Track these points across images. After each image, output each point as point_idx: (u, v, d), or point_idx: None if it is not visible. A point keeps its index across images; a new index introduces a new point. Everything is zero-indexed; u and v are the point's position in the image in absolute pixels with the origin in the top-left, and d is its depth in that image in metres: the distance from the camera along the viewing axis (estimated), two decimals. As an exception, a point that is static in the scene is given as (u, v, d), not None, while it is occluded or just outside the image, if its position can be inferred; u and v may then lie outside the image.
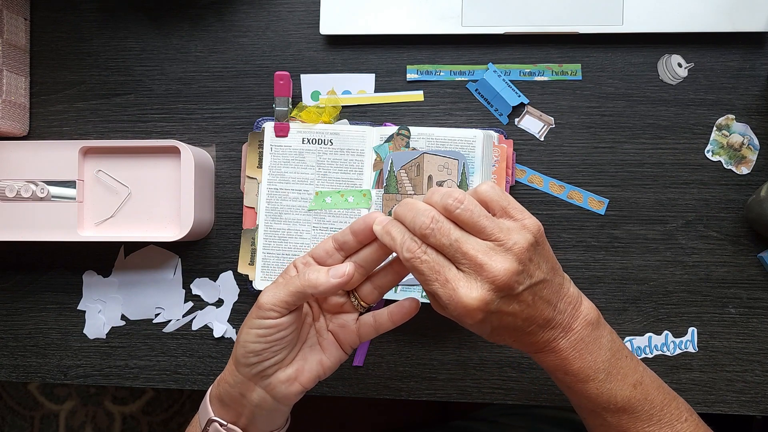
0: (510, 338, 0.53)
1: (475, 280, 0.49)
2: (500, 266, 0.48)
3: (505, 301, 0.49)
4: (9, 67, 0.71)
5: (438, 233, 0.49)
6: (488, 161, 0.67)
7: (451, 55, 0.70)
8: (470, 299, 0.48)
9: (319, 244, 0.57)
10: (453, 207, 0.50)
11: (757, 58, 0.68)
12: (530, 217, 0.51)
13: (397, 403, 0.92)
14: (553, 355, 0.53)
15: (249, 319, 0.55)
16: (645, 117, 0.69)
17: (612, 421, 0.54)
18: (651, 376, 0.56)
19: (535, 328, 0.52)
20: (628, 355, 0.55)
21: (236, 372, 0.56)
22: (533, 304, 0.51)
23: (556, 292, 0.52)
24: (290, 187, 0.69)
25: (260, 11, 0.72)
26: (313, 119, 0.70)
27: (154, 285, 0.73)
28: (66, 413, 1.49)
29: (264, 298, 0.54)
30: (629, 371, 0.54)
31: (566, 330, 0.52)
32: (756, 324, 0.68)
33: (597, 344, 0.53)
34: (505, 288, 0.49)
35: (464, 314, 0.49)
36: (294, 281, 0.53)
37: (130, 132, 0.73)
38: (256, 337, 0.54)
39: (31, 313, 0.75)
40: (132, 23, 0.74)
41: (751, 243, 0.68)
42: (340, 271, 0.53)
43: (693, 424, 0.56)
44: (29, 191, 0.69)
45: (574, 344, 0.52)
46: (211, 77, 0.73)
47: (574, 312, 0.53)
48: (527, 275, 0.50)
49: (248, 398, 0.56)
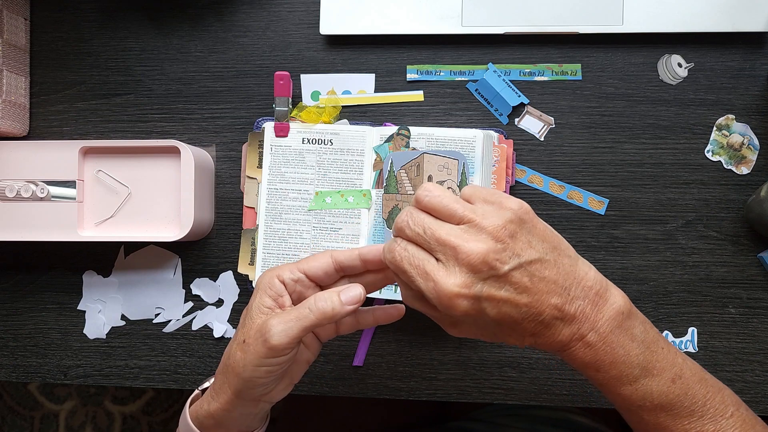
0: (528, 335, 0.49)
1: (453, 266, 0.47)
2: (473, 245, 0.46)
3: (493, 285, 0.47)
4: (9, 67, 0.71)
5: (412, 224, 0.49)
6: (488, 161, 0.67)
7: (451, 55, 0.70)
8: (449, 285, 0.46)
9: (313, 260, 0.55)
10: (422, 196, 0.49)
11: (757, 58, 0.68)
12: (512, 198, 0.49)
13: (397, 404, 0.92)
14: (581, 352, 0.49)
15: (256, 357, 0.52)
16: (645, 117, 0.69)
17: (649, 420, 0.51)
18: (692, 368, 0.52)
19: (549, 319, 0.48)
20: (664, 347, 0.51)
21: (236, 400, 0.55)
22: (532, 286, 0.47)
23: (565, 274, 0.48)
24: (290, 187, 0.69)
25: (260, 11, 0.72)
26: (313, 119, 0.70)
27: (154, 285, 0.73)
28: (66, 413, 1.48)
29: (276, 339, 0.51)
30: (666, 365, 0.50)
31: (591, 321, 0.48)
32: (756, 324, 0.68)
33: (629, 336, 0.49)
34: (483, 267, 0.46)
35: (449, 305, 0.47)
36: (308, 316, 0.52)
37: (130, 132, 0.73)
38: (267, 374, 0.53)
39: (31, 313, 0.75)
40: (132, 23, 0.74)
41: (751, 243, 0.68)
42: (354, 297, 0.52)
43: (740, 419, 0.51)
44: (29, 191, 0.69)
45: (604, 337, 0.48)
46: (211, 77, 0.73)
47: (597, 300, 0.49)
48: (512, 254, 0.47)
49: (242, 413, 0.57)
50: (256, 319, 0.54)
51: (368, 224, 0.68)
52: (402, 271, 0.49)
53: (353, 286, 0.53)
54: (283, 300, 0.54)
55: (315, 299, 0.52)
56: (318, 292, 0.54)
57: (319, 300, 0.52)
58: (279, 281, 0.54)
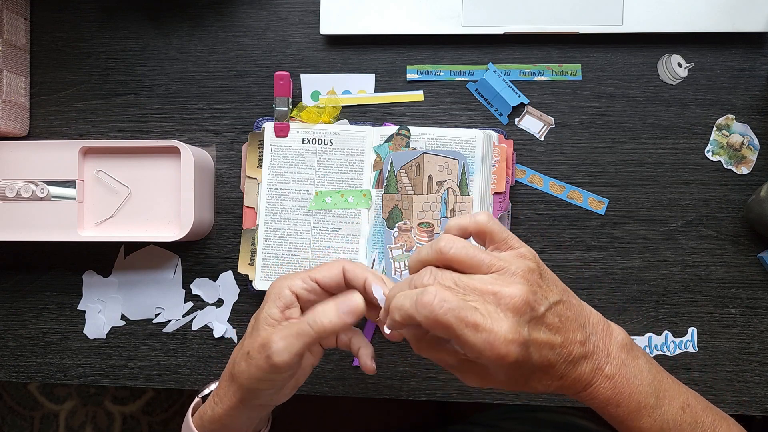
0: (557, 378, 0.49)
1: (498, 313, 0.45)
2: (513, 289, 0.46)
3: (534, 327, 0.47)
4: (9, 67, 0.71)
5: (441, 280, 0.46)
6: (488, 161, 0.67)
7: (451, 55, 0.70)
8: (503, 331, 0.44)
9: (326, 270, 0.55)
10: (447, 248, 0.47)
11: (757, 58, 0.68)
12: (525, 245, 0.50)
13: (396, 407, 0.92)
14: (602, 386, 0.49)
15: (258, 371, 0.52)
16: (645, 117, 0.69)
17: None
18: (696, 397, 0.53)
19: (577, 357, 0.49)
20: (668, 377, 0.53)
21: (241, 407, 0.56)
22: (563, 326, 0.48)
23: (579, 313, 0.50)
24: (290, 187, 0.69)
25: (260, 11, 0.72)
26: (313, 119, 0.70)
27: (154, 285, 0.73)
28: (66, 413, 1.48)
29: (278, 358, 0.51)
30: (675, 393, 0.52)
31: (606, 355, 0.50)
32: (756, 324, 0.68)
33: (637, 366, 0.50)
34: (526, 309, 0.46)
35: (504, 353, 0.45)
36: (307, 331, 0.51)
37: (130, 132, 0.73)
38: (270, 386, 0.54)
39: (31, 313, 0.75)
40: (132, 23, 0.74)
41: (751, 243, 0.68)
42: (352, 308, 0.51)
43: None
44: (29, 191, 0.69)
45: (618, 368, 0.50)
46: (211, 77, 0.73)
47: (606, 335, 0.50)
48: (542, 296, 0.47)
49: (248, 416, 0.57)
50: (262, 331, 0.53)
51: (368, 224, 0.68)
52: (446, 326, 0.45)
53: (351, 296, 0.52)
54: (291, 312, 0.54)
55: (314, 314, 0.52)
56: (318, 305, 0.53)
57: (317, 315, 0.51)
58: (290, 292, 0.54)
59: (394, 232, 0.67)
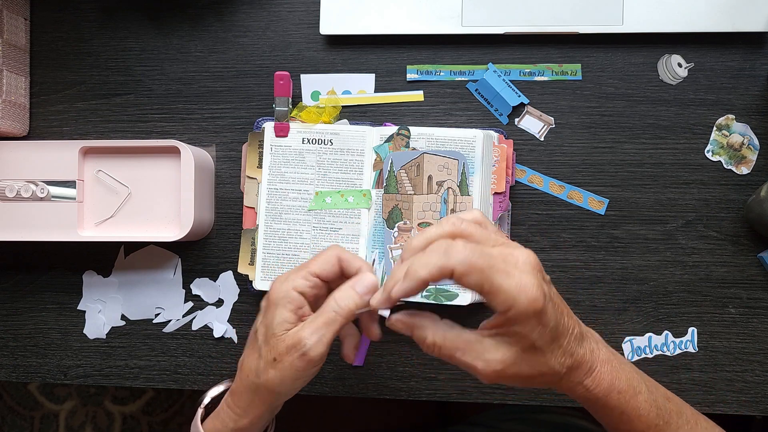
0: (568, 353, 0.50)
1: (517, 269, 0.46)
2: (525, 251, 0.48)
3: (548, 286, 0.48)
4: (9, 67, 0.71)
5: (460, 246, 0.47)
6: (488, 161, 0.67)
7: (451, 55, 0.70)
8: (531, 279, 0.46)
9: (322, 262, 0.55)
10: (458, 224, 0.49)
11: (757, 58, 0.68)
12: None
13: (396, 407, 0.92)
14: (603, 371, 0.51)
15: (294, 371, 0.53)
16: (645, 117, 0.69)
17: None
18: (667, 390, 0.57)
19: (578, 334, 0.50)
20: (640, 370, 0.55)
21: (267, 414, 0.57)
22: (560, 302, 0.50)
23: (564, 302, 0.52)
24: (290, 187, 0.69)
25: (260, 11, 0.72)
26: (313, 119, 0.70)
27: (154, 285, 0.73)
28: (66, 413, 1.48)
29: (314, 351, 0.52)
30: (656, 384, 0.55)
31: (596, 341, 0.52)
32: (756, 324, 0.68)
33: (619, 356, 0.53)
34: (540, 268, 0.48)
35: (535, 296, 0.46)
36: (336, 319, 0.52)
37: (130, 132, 0.73)
38: (304, 384, 0.55)
39: (31, 313, 0.75)
40: (132, 23, 0.74)
41: (751, 243, 0.68)
42: (368, 285, 0.53)
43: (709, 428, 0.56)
44: (29, 191, 0.69)
45: (609, 354, 0.52)
46: (211, 77, 0.73)
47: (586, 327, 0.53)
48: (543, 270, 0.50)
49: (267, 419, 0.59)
50: (281, 335, 0.53)
51: (368, 224, 0.68)
52: (480, 269, 0.46)
53: (363, 276, 0.54)
54: (304, 311, 0.55)
55: (336, 300, 0.53)
56: (335, 293, 0.54)
57: (340, 299, 0.53)
58: (297, 293, 0.54)
59: (394, 232, 0.67)
